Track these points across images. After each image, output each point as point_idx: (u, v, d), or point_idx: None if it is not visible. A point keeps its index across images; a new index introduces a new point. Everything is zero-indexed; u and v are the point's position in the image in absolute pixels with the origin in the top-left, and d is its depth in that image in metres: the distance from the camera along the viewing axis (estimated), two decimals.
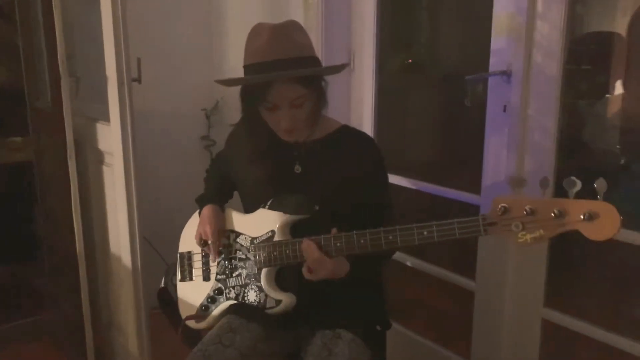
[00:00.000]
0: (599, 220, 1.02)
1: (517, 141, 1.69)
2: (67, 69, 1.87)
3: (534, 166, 1.68)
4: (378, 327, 1.51)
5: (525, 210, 1.08)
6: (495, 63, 1.73)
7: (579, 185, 1.04)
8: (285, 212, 1.41)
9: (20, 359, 2.36)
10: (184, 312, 1.58)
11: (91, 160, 2.08)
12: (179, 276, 1.61)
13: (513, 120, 1.70)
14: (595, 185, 1.03)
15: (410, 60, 1.98)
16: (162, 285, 1.67)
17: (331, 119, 1.52)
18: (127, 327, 2.05)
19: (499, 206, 1.10)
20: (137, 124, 1.85)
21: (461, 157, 2.02)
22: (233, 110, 1.50)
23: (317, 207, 1.40)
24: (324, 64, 2.16)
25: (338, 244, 1.28)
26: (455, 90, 1.94)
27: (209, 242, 1.51)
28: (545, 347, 1.77)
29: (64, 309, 2.20)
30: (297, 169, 1.46)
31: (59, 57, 1.85)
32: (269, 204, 1.44)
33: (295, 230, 1.41)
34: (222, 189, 1.62)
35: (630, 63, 1.77)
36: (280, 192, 1.44)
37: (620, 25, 1.78)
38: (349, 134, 1.50)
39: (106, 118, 1.86)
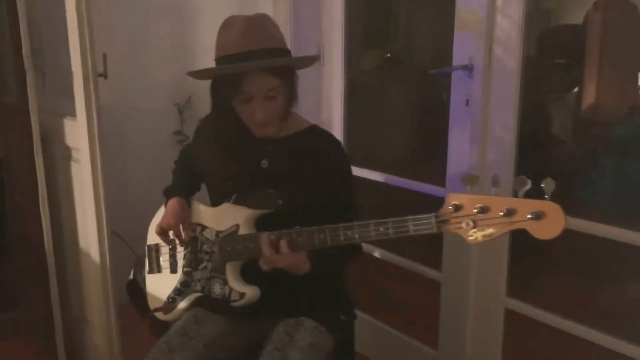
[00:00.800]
0: (546, 220, 1.04)
1: (479, 135, 1.73)
2: (32, 64, 1.86)
3: (495, 160, 1.72)
4: (342, 317, 1.53)
5: (476, 208, 1.09)
6: (457, 57, 1.76)
7: (529, 184, 1.06)
8: (249, 206, 1.42)
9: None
10: (152, 304, 1.58)
11: (59, 156, 2.06)
12: (147, 268, 1.61)
13: (475, 114, 1.73)
14: (543, 185, 1.05)
15: (389, 55, 1.99)
16: (131, 277, 1.67)
17: (301, 117, 1.54)
18: (96, 322, 2.05)
19: (451, 204, 1.12)
20: (108, 119, 1.84)
21: (429, 150, 2.05)
22: (206, 105, 1.50)
23: (280, 202, 1.41)
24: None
25: (299, 239, 1.29)
26: (427, 85, 1.97)
27: (170, 233, 1.51)
28: (509, 336, 1.81)
29: (34, 306, 2.19)
30: (264, 163, 1.47)
31: (23, 52, 1.84)
32: (233, 198, 1.46)
33: (260, 224, 1.42)
34: (189, 182, 1.63)
35: (595, 56, 1.81)
36: (246, 186, 1.45)
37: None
38: (317, 134, 1.52)
39: (73, 113, 1.85)
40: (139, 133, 2.41)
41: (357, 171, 2.21)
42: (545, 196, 1.05)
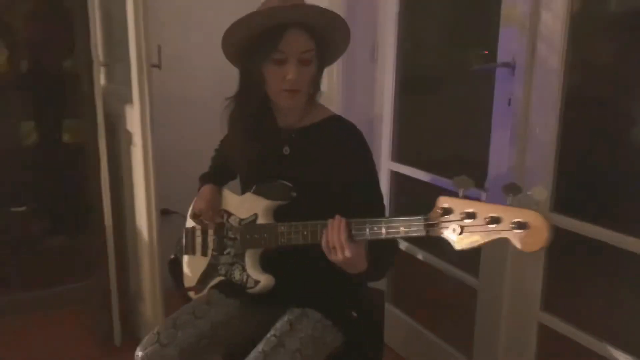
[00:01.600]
0: (529, 231, 0.97)
1: (519, 137, 1.63)
2: (98, 55, 2.03)
3: (534, 164, 1.61)
4: (354, 314, 1.52)
5: (462, 214, 1.04)
6: (502, 54, 1.67)
7: (518, 190, 0.99)
8: (265, 197, 1.45)
9: (58, 323, 2.58)
10: (186, 283, 1.66)
11: (123, 140, 2.23)
12: (183, 249, 1.70)
13: (516, 114, 1.64)
14: (530, 193, 0.98)
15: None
16: (172, 256, 1.77)
17: (325, 107, 1.54)
18: (147, 298, 2.19)
19: (440, 207, 1.07)
20: (164, 107, 1.95)
21: (473, 151, 1.97)
22: None
23: (294, 194, 1.43)
24: (345, 54, 2.19)
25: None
26: (473, 84, 1.89)
27: (201, 218, 1.59)
28: (544, 353, 1.70)
29: (97, 278, 2.38)
30: (286, 150, 1.49)
31: (91, 43, 2.01)
32: (254, 188, 1.49)
33: (278, 215, 1.45)
34: (223, 169, 1.68)
35: None
36: (267, 173, 1.47)
37: None
38: (339, 124, 1.50)
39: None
40: (192, 121, 2.52)
41: (402, 169, 2.19)
42: (535, 206, 0.98)
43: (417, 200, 2.16)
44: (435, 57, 2.18)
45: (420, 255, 2.14)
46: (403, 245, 2.14)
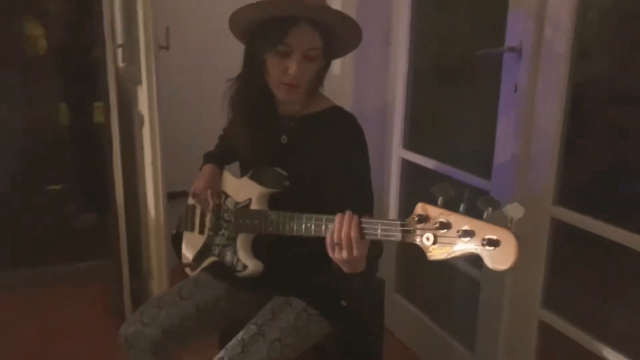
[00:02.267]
0: (499, 249, 0.93)
1: (523, 126, 1.56)
2: (111, 36, 2.06)
3: (537, 156, 1.54)
4: (343, 303, 1.50)
5: (437, 223, 1.00)
6: (509, 39, 1.60)
7: (497, 205, 0.94)
8: (260, 183, 1.44)
9: (78, 297, 2.68)
10: (184, 259, 1.68)
11: (136, 122, 2.26)
12: (183, 226, 1.71)
13: (521, 102, 1.56)
14: (504, 210, 0.93)
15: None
16: (174, 231, 1.79)
17: (326, 97, 1.51)
18: (155, 275, 2.23)
19: (417, 213, 1.03)
20: (172, 88, 1.95)
21: (479, 140, 1.90)
22: None
23: (287, 184, 1.41)
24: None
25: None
26: (480, 70, 1.82)
27: (199, 198, 1.59)
28: (544, 352, 1.64)
29: (115, 256, 2.44)
30: (284, 139, 1.48)
31: (104, 24, 2.04)
32: (250, 172, 1.49)
33: (272, 202, 1.44)
34: (227, 150, 1.68)
35: None
36: (264, 161, 1.47)
37: None
38: (337, 115, 1.47)
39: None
40: (199, 102, 2.52)
41: (412, 157, 2.14)
42: (508, 223, 0.93)
43: (426, 189, 2.10)
44: (447, 43, 2.11)
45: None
46: None
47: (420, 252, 1.03)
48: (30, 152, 4.10)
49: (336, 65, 2.33)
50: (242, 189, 1.50)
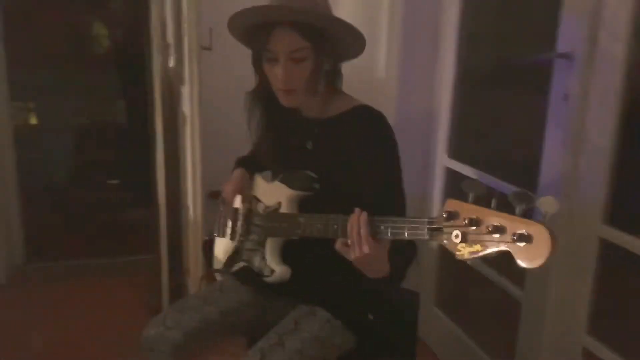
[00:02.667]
0: (531, 245, 0.86)
1: (573, 137, 1.45)
2: (157, 37, 2.09)
3: (587, 169, 1.43)
4: (370, 317, 1.45)
5: (466, 220, 0.94)
6: (561, 44, 1.49)
7: (530, 201, 0.88)
8: (289, 186, 1.41)
9: (120, 291, 2.75)
10: (215, 265, 1.68)
11: (180, 121, 2.29)
12: (215, 231, 1.71)
13: (572, 112, 1.45)
14: (537, 204, 0.87)
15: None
16: (206, 237, 1.79)
17: (351, 96, 1.46)
18: (193, 275, 2.25)
19: (445, 210, 0.98)
20: (216, 89, 1.96)
21: (526, 150, 1.79)
22: None
23: (317, 186, 1.38)
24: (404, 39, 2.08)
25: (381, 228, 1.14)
26: (531, 76, 1.72)
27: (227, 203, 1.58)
28: None
29: (155, 252, 2.49)
30: (309, 144, 1.45)
31: (152, 26, 2.08)
32: (280, 176, 1.46)
33: (303, 205, 1.40)
34: (258, 155, 1.67)
35: None
36: (291, 166, 1.44)
37: None
38: (364, 114, 1.40)
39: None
40: (242, 103, 2.52)
41: (458, 166, 2.05)
42: (542, 217, 0.86)
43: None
44: (496, 48, 2.01)
45: None
46: None
47: (463, 266, 1.00)
48: (91, 147, 4.28)
49: (380, 68, 2.28)
50: (272, 193, 1.47)
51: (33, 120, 4.09)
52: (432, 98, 2.17)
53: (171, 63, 2.46)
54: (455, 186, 2.08)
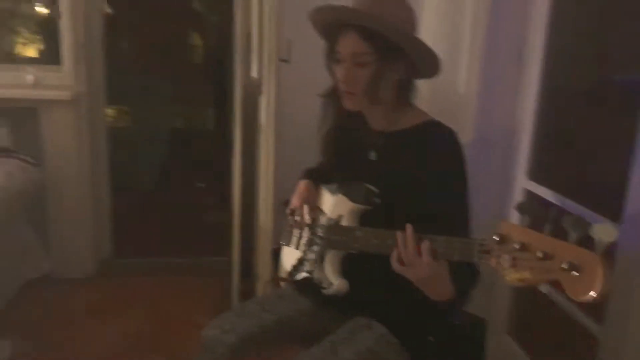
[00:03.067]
0: (581, 275, 0.81)
1: None
2: (246, 47, 2.16)
3: None
4: (431, 338, 1.40)
5: (517, 244, 0.91)
6: None
7: (585, 227, 0.83)
8: (351, 199, 1.41)
9: (192, 290, 2.85)
10: (280, 273, 1.71)
11: (257, 130, 2.35)
12: (281, 240, 1.74)
13: None
14: (591, 231, 0.82)
15: None
16: (275, 246, 1.82)
17: (422, 111, 1.44)
18: (261, 280, 2.29)
19: (497, 233, 0.95)
20: (292, 101, 2.00)
21: (610, 176, 1.67)
22: None
23: (377, 200, 1.37)
24: (486, 52, 2.00)
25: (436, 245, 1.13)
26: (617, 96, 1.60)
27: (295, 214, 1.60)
28: None
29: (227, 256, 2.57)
30: (373, 156, 1.44)
31: (237, 35, 2.15)
32: (341, 188, 1.46)
33: (365, 219, 1.40)
34: (326, 166, 1.68)
35: None
36: (351, 177, 1.44)
37: None
38: (434, 130, 1.39)
39: None
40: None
41: (539, 190, 1.94)
42: (596, 245, 0.80)
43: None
44: (584, 65, 1.89)
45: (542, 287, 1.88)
46: None
47: (538, 292, 0.96)
48: (181, 151, 4.50)
49: (460, 83, 2.21)
50: (335, 205, 1.48)
51: (128, 124, 4.36)
52: (513, 117, 2.07)
53: (253, 73, 2.54)
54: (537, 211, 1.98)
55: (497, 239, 0.94)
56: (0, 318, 2.35)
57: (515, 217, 2.03)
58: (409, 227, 1.16)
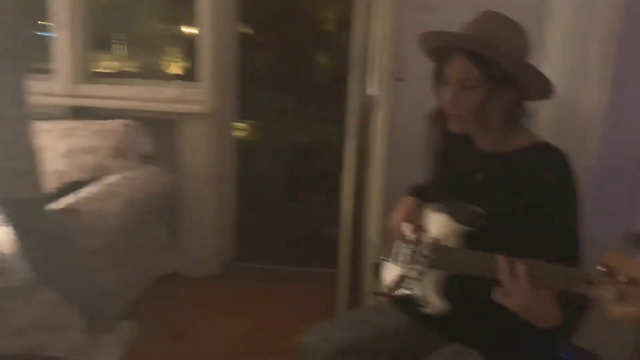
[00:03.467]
0: None
1: None
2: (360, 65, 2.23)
3: None
4: None
5: (626, 277, 0.88)
6: None
7: None
8: (455, 220, 1.40)
9: (302, 299, 2.94)
10: (380, 288, 1.73)
11: (370, 147, 2.39)
12: (384, 255, 1.76)
13: None
14: None
15: None
16: (376, 261, 1.85)
17: (532, 132, 1.41)
18: (367, 293, 2.32)
19: (604, 264, 0.92)
20: (405, 120, 2.04)
21: None
22: None
23: (483, 223, 1.34)
24: (615, 83, 1.88)
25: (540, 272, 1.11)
26: None
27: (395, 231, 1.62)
28: None
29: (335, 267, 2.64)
30: (479, 177, 1.42)
31: (354, 51, 2.23)
32: (446, 208, 1.46)
33: (469, 241, 1.38)
34: (431, 185, 1.68)
35: None
36: (458, 197, 1.43)
37: None
38: (544, 153, 1.35)
39: None
40: None
41: None
42: None
43: None
44: None
45: None
46: None
47: None
48: (305, 164, 4.68)
49: (587, 106, 2.08)
50: (439, 225, 1.47)
51: (257, 137, 4.63)
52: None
53: (369, 92, 2.60)
54: None
55: (604, 269, 0.90)
56: (131, 304, 2.61)
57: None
58: (506, 254, 1.13)
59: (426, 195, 1.63)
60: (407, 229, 1.56)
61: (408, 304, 1.49)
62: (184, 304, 2.82)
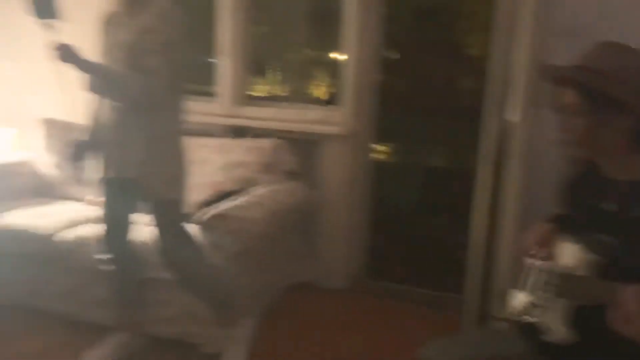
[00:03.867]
0: None
1: None
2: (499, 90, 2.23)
3: None
4: None
5: None
6: None
7: None
8: (587, 250, 1.38)
9: (429, 320, 2.94)
10: (507, 313, 1.71)
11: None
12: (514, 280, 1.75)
13: None
14: None
15: None
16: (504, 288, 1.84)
17: None
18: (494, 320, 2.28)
19: None
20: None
21: None
22: None
23: (616, 254, 1.31)
24: None
25: None
26: None
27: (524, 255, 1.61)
28: None
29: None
30: (611, 206, 1.39)
31: (493, 76, 2.24)
32: (579, 237, 1.44)
33: (599, 271, 1.35)
34: (564, 213, 1.65)
35: None
36: (590, 226, 1.41)
37: None
38: None
39: None
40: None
41: None
42: None
43: None
44: None
45: None
46: None
47: None
48: (439, 188, 4.66)
49: None
50: (571, 254, 1.45)
51: (395, 159, 4.71)
52: None
53: (508, 117, 2.58)
54: None
55: None
56: (264, 306, 2.81)
57: None
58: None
59: (561, 223, 1.61)
60: (538, 253, 1.55)
61: (530, 331, 1.48)
62: (310, 312, 2.97)
